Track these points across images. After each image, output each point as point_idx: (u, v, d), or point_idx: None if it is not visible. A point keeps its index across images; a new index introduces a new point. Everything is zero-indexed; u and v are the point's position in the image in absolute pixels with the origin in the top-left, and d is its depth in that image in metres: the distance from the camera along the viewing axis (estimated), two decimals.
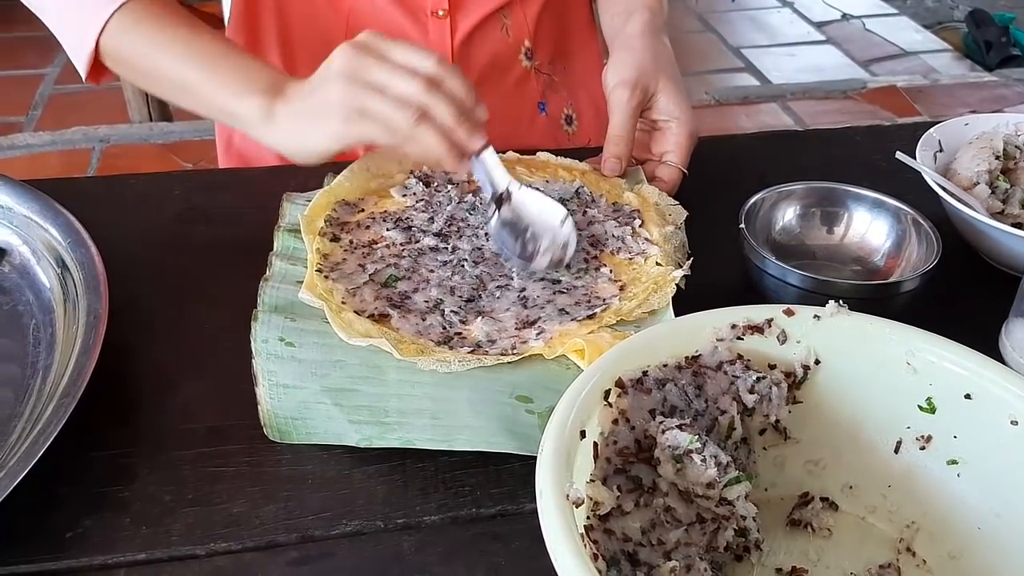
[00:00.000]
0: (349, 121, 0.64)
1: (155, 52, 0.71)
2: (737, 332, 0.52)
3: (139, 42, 0.71)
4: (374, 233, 0.70)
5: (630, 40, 0.78)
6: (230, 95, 0.69)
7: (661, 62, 0.77)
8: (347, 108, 0.64)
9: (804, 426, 0.53)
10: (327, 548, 0.50)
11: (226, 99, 0.69)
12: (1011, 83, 2.74)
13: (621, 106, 0.75)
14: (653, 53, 0.77)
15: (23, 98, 2.55)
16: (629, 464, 0.48)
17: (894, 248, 0.69)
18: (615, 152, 0.75)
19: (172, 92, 0.73)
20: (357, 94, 0.63)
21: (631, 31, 0.79)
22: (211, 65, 0.70)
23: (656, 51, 0.78)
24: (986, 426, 0.48)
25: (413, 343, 0.60)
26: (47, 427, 0.52)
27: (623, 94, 0.74)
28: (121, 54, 0.72)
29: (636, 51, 0.77)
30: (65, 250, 0.66)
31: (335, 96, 0.64)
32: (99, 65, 0.74)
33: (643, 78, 0.75)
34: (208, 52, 0.70)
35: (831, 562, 0.50)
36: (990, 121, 0.80)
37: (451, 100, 0.64)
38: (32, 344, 0.62)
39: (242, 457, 0.55)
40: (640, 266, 0.68)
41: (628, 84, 0.74)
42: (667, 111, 0.76)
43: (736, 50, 3.00)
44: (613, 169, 0.76)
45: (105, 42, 0.72)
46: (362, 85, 0.63)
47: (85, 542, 0.50)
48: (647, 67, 0.76)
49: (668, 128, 0.77)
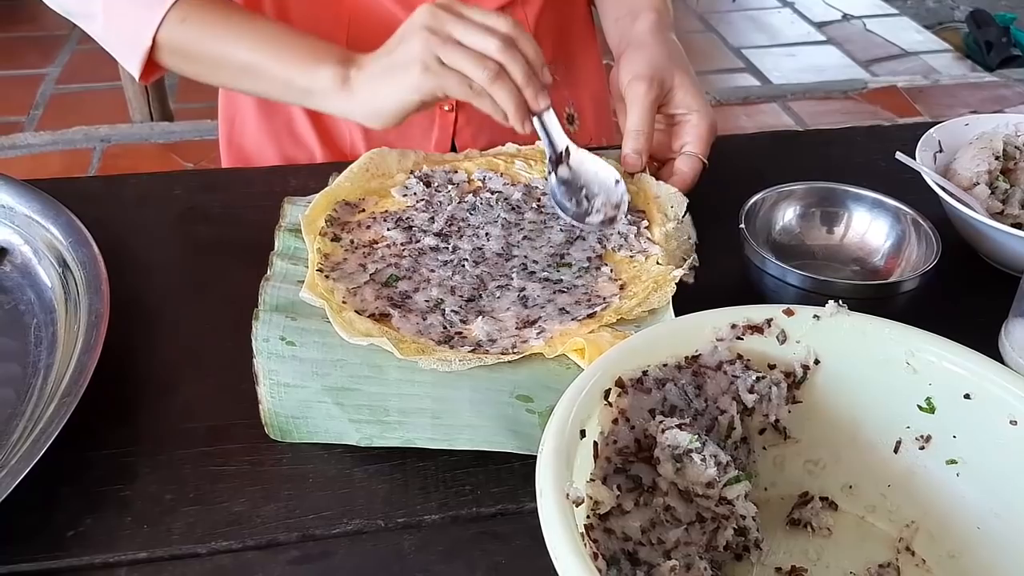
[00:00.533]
0: (429, 71, 0.67)
1: (217, 39, 0.73)
2: (737, 332, 0.52)
3: (200, 31, 0.73)
4: (375, 233, 0.70)
5: (641, 37, 0.78)
6: (302, 70, 0.71)
7: (675, 57, 0.77)
8: (429, 58, 0.67)
9: (804, 426, 0.53)
10: (328, 547, 0.51)
11: (298, 74, 0.72)
12: (1012, 83, 2.73)
13: (639, 100, 0.74)
14: (667, 49, 0.77)
15: (24, 98, 2.55)
16: (629, 463, 0.48)
17: (894, 248, 0.69)
18: (635, 147, 0.74)
19: (237, 77, 0.75)
20: (439, 46, 0.67)
21: (641, 29, 0.79)
22: (277, 44, 0.72)
23: (669, 47, 0.77)
24: (985, 426, 0.49)
25: (414, 342, 0.60)
26: (48, 426, 0.52)
27: (640, 88, 0.74)
28: (182, 45, 0.74)
29: (649, 47, 0.77)
30: (66, 249, 0.66)
31: (417, 47, 0.67)
32: (152, 63, 0.76)
33: (659, 73, 0.74)
34: (271, 33, 0.73)
35: (831, 561, 0.50)
36: (990, 121, 0.80)
37: (524, 60, 0.66)
38: (33, 343, 0.63)
39: (243, 456, 0.55)
40: (640, 264, 0.68)
41: (644, 78, 0.74)
42: (685, 104, 0.76)
43: (737, 50, 3.00)
44: (635, 164, 0.75)
45: (163, 36, 0.73)
46: (444, 38, 0.67)
47: (86, 541, 0.50)
48: (661, 62, 0.75)
49: (688, 121, 0.76)
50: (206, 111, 0.93)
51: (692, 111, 0.76)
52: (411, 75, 0.68)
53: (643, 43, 0.77)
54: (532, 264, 0.68)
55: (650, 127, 0.74)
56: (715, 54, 2.98)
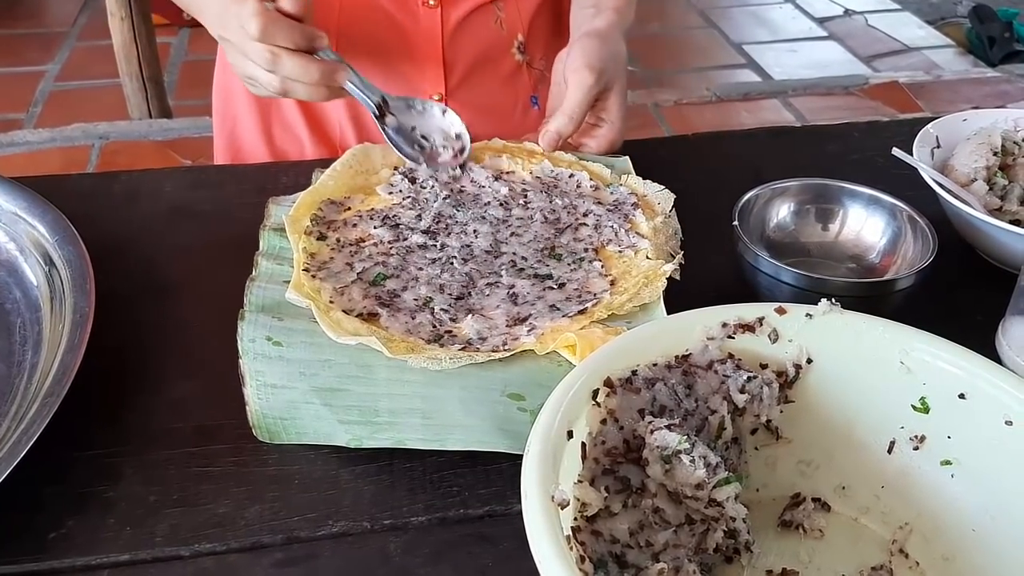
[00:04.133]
0: (247, 81, 0.73)
1: None
2: (728, 331, 0.51)
3: None
4: (361, 231, 0.69)
5: (600, 32, 0.80)
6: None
7: (621, 65, 0.80)
8: (242, 75, 0.73)
9: (796, 426, 0.52)
10: (312, 549, 0.50)
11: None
12: (1014, 79, 2.72)
13: (583, 89, 0.76)
14: (617, 53, 0.80)
15: (23, 95, 2.55)
16: (617, 465, 0.47)
17: (890, 245, 0.68)
18: (560, 128, 0.77)
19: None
20: (241, 66, 0.72)
21: (601, 25, 0.81)
22: None
23: (619, 53, 0.80)
24: (981, 426, 0.48)
25: (403, 341, 0.59)
26: (31, 426, 0.51)
27: (589, 79, 0.76)
28: None
29: (605, 45, 0.79)
30: (52, 247, 0.65)
31: (233, 60, 0.73)
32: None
33: (607, 72, 0.77)
34: None
35: (823, 564, 0.50)
36: (988, 117, 0.79)
37: (293, 65, 0.68)
38: (19, 342, 0.62)
39: (228, 457, 0.54)
40: (630, 259, 0.68)
41: (595, 71, 0.76)
42: (608, 112, 0.80)
43: (738, 46, 2.99)
44: (551, 143, 0.78)
45: None
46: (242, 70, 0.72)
47: (68, 543, 0.50)
48: (610, 63, 0.78)
49: (599, 127, 0.81)
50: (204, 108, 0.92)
51: (607, 122, 0.80)
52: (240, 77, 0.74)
53: (603, 37, 0.79)
54: (521, 261, 0.67)
55: (581, 117, 0.77)
56: (716, 50, 2.97)
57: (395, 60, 0.88)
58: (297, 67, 0.68)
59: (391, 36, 0.87)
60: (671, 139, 1.36)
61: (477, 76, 0.90)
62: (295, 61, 0.68)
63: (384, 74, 0.89)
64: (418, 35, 0.87)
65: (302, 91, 0.70)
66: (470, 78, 0.90)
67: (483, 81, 0.90)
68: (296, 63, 0.68)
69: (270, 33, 0.67)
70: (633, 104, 2.56)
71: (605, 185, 0.76)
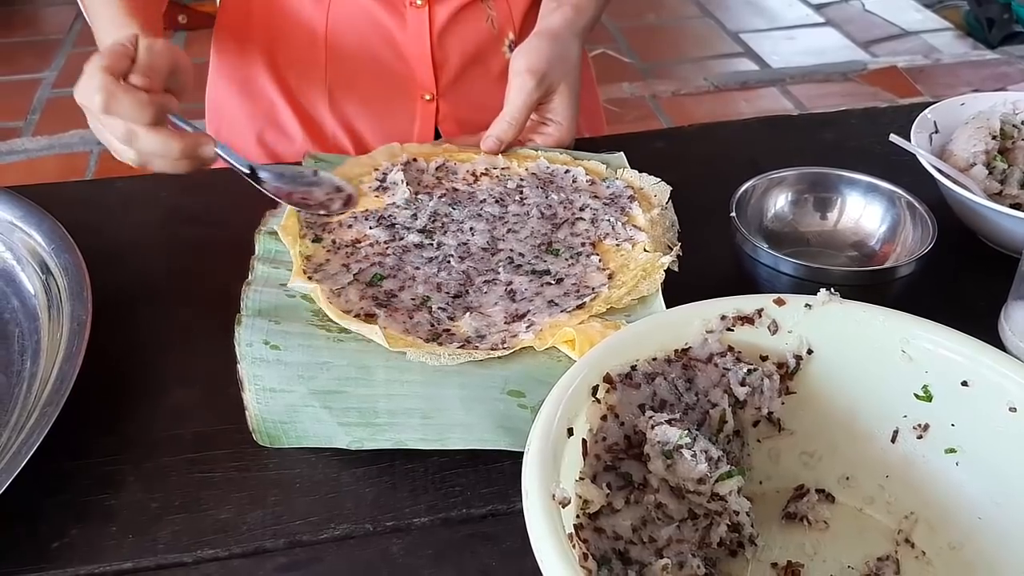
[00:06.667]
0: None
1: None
2: (727, 323, 0.51)
3: None
4: (357, 232, 0.69)
5: (550, 31, 0.80)
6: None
7: (569, 66, 0.80)
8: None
9: (798, 417, 0.52)
10: (315, 553, 0.50)
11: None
12: (1014, 61, 2.71)
13: (524, 93, 0.76)
14: (566, 53, 0.80)
15: (21, 103, 2.55)
16: (619, 461, 0.47)
17: (889, 233, 0.67)
18: (501, 134, 0.77)
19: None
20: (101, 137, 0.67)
21: (553, 23, 0.81)
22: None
23: (568, 53, 0.80)
24: (984, 413, 0.47)
25: (401, 339, 0.59)
26: (31, 436, 0.51)
27: (529, 83, 0.76)
28: None
29: (554, 45, 0.79)
30: (49, 255, 0.65)
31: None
32: None
33: (551, 74, 0.78)
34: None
35: (828, 555, 0.49)
36: (987, 100, 0.78)
37: (150, 140, 0.64)
38: (18, 352, 0.62)
39: (229, 462, 0.54)
40: (628, 253, 0.67)
41: (537, 75, 0.76)
42: (556, 112, 0.80)
43: (735, 35, 2.98)
44: (491, 148, 0.78)
45: None
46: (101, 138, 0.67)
47: (71, 552, 0.50)
48: (556, 64, 0.78)
49: (547, 127, 0.81)
50: (200, 113, 0.92)
51: (556, 122, 0.80)
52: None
53: (553, 36, 0.80)
54: (519, 257, 0.67)
55: (523, 121, 0.78)
56: (713, 39, 2.96)
57: (385, 61, 0.88)
58: (156, 142, 0.64)
59: (379, 38, 0.87)
60: (667, 131, 1.36)
61: (468, 75, 0.90)
62: (153, 137, 0.64)
63: (374, 75, 0.88)
64: (406, 35, 0.87)
65: (162, 165, 0.66)
66: (461, 77, 0.90)
67: (474, 80, 0.90)
68: (154, 139, 0.64)
69: (114, 109, 0.62)
70: (631, 96, 2.56)
71: (601, 180, 0.75)
